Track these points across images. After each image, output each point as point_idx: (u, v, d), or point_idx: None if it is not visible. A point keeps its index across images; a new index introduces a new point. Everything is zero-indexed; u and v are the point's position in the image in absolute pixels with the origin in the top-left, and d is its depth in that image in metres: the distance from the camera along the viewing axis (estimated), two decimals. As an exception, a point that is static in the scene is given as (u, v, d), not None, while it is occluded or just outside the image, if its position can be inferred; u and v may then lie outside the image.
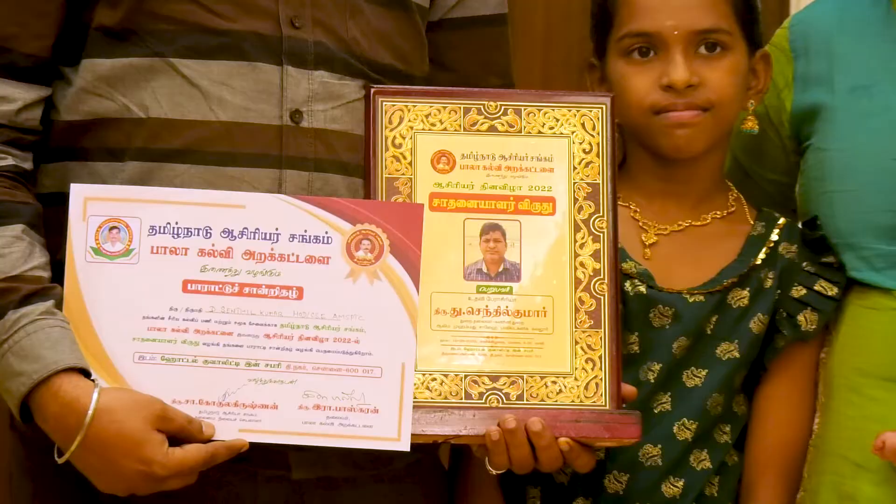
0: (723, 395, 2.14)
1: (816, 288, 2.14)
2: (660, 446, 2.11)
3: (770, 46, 2.26)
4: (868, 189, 2.15)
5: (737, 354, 2.13)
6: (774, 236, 2.17)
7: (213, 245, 1.92)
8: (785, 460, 2.16)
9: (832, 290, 2.14)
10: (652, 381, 2.12)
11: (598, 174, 2.03)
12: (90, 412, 1.82)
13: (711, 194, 2.21)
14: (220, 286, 1.93)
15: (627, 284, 2.10)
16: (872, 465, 2.07)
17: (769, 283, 2.15)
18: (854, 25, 2.25)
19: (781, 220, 2.20)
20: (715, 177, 2.22)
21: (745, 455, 2.17)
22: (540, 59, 2.46)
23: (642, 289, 2.11)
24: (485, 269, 1.99)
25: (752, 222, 2.20)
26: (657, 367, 2.12)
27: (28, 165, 1.99)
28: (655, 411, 2.11)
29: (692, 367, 2.13)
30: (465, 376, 1.96)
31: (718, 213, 2.20)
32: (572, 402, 1.96)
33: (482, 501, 2.16)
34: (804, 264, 2.16)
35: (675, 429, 2.12)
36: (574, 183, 2.03)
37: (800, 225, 2.22)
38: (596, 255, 2.00)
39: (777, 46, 2.28)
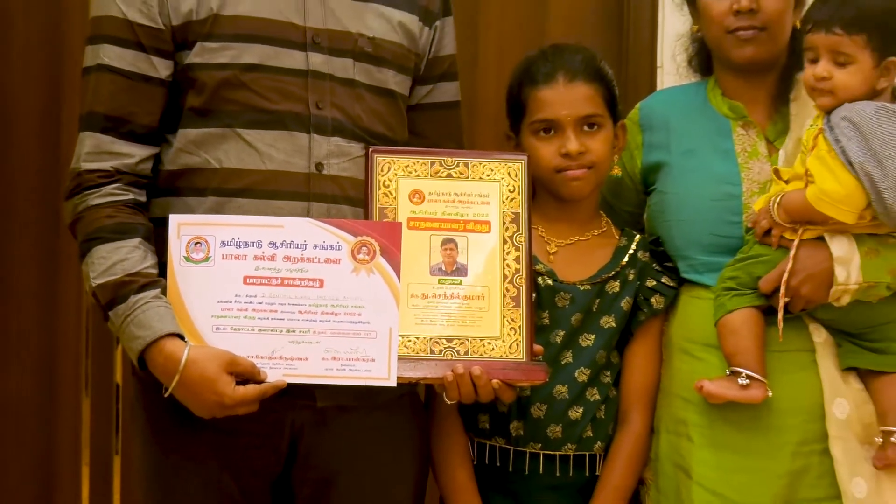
0: (605, 351, 2.16)
1: (663, 281, 2.18)
2: (566, 386, 2.12)
3: (627, 120, 2.26)
4: (693, 220, 2.17)
5: (613, 324, 2.16)
6: (634, 247, 2.19)
7: (263, 252, 1.94)
8: (645, 395, 2.18)
9: (672, 283, 2.18)
10: (558, 342, 2.13)
11: (519, 206, 2.05)
12: (183, 361, 1.87)
13: (591, 220, 2.23)
14: (268, 280, 1.94)
15: (539, 280, 2.12)
16: (695, 400, 2.10)
17: (632, 277, 2.17)
18: (683, 109, 2.26)
19: (638, 237, 2.21)
20: (593, 208, 2.24)
21: (620, 391, 2.18)
22: (492, 129, 2.46)
23: (549, 282, 2.13)
24: (444, 268, 2.02)
25: (617, 238, 2.22)
26: (561, 333, 2.13)
27: (143, 199, 2.02)
28: (562, 363, 2.13)
29: (584, 333, 2.15)
30: (430, 339, 1.98)
31: (596, 231, 2.22)
32: (501, 356, 1.98)
33: (447, 424, 2.17)
34: (654, 265, 2.19)
35: (575, 374, 2.13)
36: (503, 212, 2.05)
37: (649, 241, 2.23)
38: (517, 260, 2.03)
39: (632, 120, 2.27)
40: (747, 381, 2.02)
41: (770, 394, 2.03)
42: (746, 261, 2.09)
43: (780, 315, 2.03)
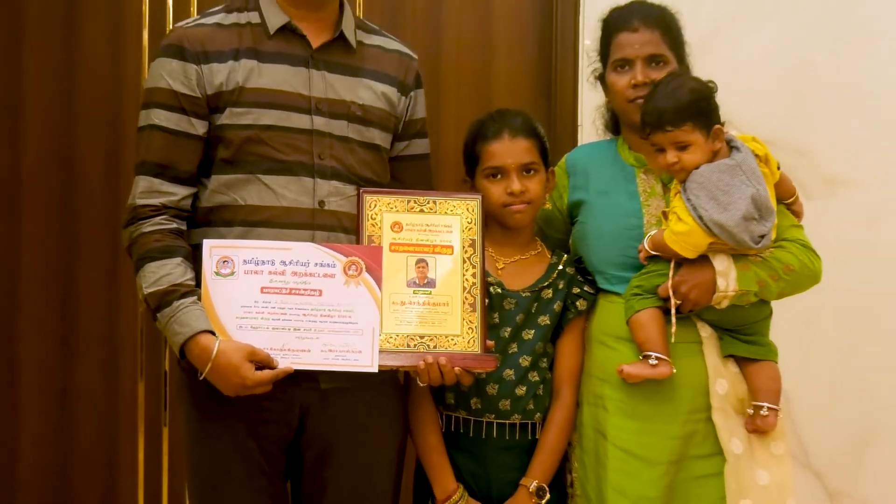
0: (542, 343, 2.14)
1: (585, 289, 2.17)
2: (513, 370, 2.12)
3: (557, 167, 2.26)
4: (607, 244, 2.16)
5: (548, 322, 2.15)
6: (562, 264, 2.18)
7: (275, 269, 1.94)
8: (573, 376, 2.17)
9: (592, 291, 2.17)
10: (506, 337, 2.12)
11: (475, 234, 2.05)
12: (214, 352, 1.87)
13: (529, 243, 2.21)
14: (279, 289, 1.94)
15: (491, 289, 2.11)
16: (610, 379, 2.10)
17: (561, 286, 2.16)
18: (599, 159, 2.25)
19: (565, 256, 2.21)
20: (531, 234, 2.23)
21: (553, 373, 2.17)
22: (452, 175, 2.42)
23: (499, 290, 2.13)
24: (417, 282, 2.01)
25: (550, 257, 2.21)
26: (509, 330, 2.12)
27: (184, 228, 2.01)
28: (509, 352, 2.12)
29: (526, 329, 2.14)
30: (406, 336, 1.98)
31: (533, 252, 2.21)
32: (461, 349, 1.98)
33: (421, 400, 2.15)
34: (578, 277, 2.18)
35: (520, 361, 2.12)
36: (462, 239, 2.05)
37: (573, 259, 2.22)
38: (474, 275, 2.03)
39: (560, 167, 2.27)
40: (656, 361, 2.02)
41: (675, 370, 2.03)
42: (648, 274, 2.09)
43: (673, 311, 2.05)
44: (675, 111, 2.02)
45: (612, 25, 2.18)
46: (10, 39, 2.94)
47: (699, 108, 2.03)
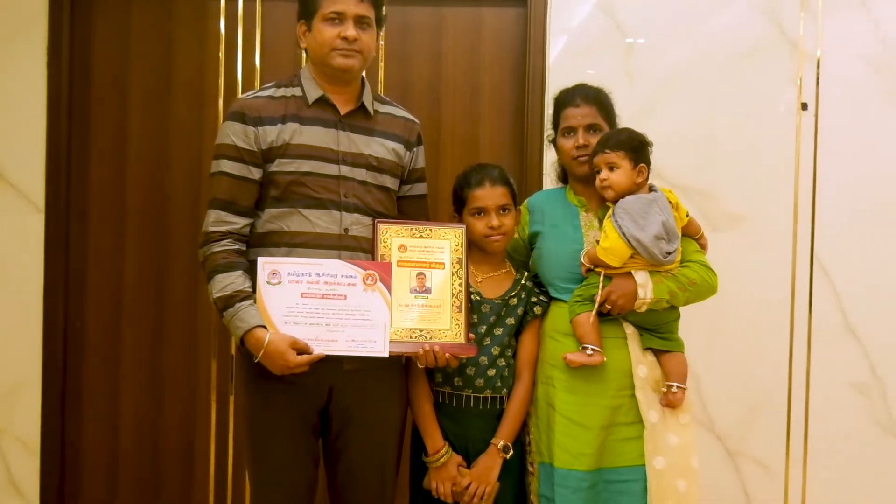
0: (508, 337, 2.12)
1: (540, 298, 2.16)
2: (486, 357, 2.10)
3: (522, 206, 2.25)
4: (556, 265, 2.14)
5: (513, 322, 2.13)
6: (524, 279, 2.17)
7: (311, 279, 1.94)
8: (531, 363, 2.14)
9: (545, 299, 2.16)
10: (482, 333, 2.10)
11: (461, 254, 2.06)
12: (265, 342, 1.89)
13: (501, 263, 2.19)
14: (315, 295, 1.94)
15: (473, 296, 2.10)
16: (559, 365, 2.09)
17: (523, 296, 2.14)
18: (551, 201, 2.24)
19: (526, 273, 2.18)
20: (502, 257, 2.20)
21: (516, 360, 2.15)
22: (446, 210, 2.38)
23: (478, 297, 2.11)
24: (417, 289, 2.02)
25: (515, 274, 2.19)
26: (484, 327, 2.10)
27: (244, 248, 2.01)
28: (484, 344, 2.10)
29: (497, 327, 2.12)
30: (410, 330, 1.99)
31: (503, 270, 2.18)
32: (450, 340, 2.00)
33: (419, 379, 2.12)
34: (535, 289, 2.17)
35: (491, 350, 2.10)
36: (451, 258, 2.05)
37: (531, 276, 2.20)
38: (459, 285, 2.04)
39: (523, 207, 2.25)
40: (592, 352, 2.03)
41: (605, 359, 2.04)
42: (587, 285, 2.09)
43: (594, 314, 2.05)
44: (615, 142, 2.06)
45: (561, 102, 2.19)
46: (119, 104, 2.97)
47: (632, 144, 2.06)
